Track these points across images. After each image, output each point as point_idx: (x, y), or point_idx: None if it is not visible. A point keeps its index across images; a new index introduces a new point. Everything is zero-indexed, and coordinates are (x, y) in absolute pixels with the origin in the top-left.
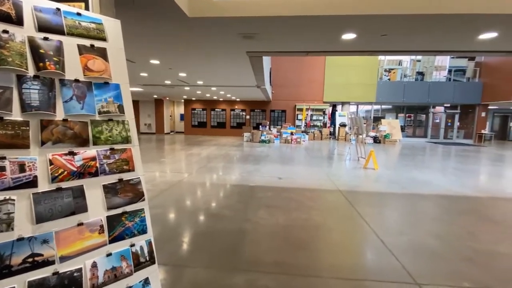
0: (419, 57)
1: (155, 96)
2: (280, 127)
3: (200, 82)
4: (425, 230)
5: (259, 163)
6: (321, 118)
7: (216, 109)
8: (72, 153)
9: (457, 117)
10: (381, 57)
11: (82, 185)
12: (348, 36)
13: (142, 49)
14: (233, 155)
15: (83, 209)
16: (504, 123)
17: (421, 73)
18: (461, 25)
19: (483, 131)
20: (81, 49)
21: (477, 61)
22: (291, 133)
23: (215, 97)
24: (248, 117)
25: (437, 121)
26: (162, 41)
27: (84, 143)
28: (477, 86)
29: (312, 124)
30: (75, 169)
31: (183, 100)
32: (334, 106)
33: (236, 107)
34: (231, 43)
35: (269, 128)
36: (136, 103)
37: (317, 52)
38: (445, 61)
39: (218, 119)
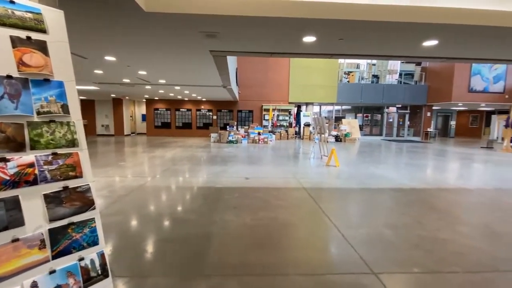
0: (374, 61)
1: (113, 95)
2: (247, 127)
3: (162, 81)
4: (380, 222)
5: (226, 164)
6: (287, 118)
7: (181, 109)
8: (3, 160)
9: (407, 116)
10: (341, 61)
11: (18, 196)
12: (309, 39)
13: (95, 44)
14: (199, 157)
15: (19, 222)
16: (445, 122)
17: (376, 76)
18: (407, 32)
19: (428, 129)
20: (15, 41)
21: (423, 66)
22: (259, 133)
23: (179, 97)
24: (215, 117)
25: (391, 120)
26: (118, 37)
27: (19, 147)
28: (423, 88)
29: (278, 124)
30: (7, 178)
31: (144, 100)
32: (299, 107)
33: (203, 107)
34: (193, 42)
35: (237, 129)
36: (91, 103)
37: (281, 54)
38: (396, 65)
39: (183, 119)
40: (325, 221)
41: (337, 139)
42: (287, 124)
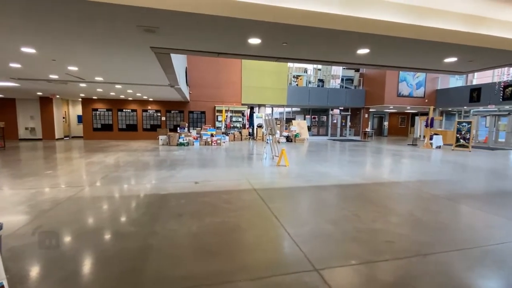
0: (319, 67)
1: (39, 93)
2: (200, 128)
3: (99, 79)
4: (323, 218)
5: (174, 168)
6: (240, 119)
7: (124, 110)
8: None
9: (348, 118)
10: (290, 64)
11: None
12: (254, 41)
13: (6, 32)
14: (145, 161)
15: None
16: (380, 122)
17: (321, 81)
18: (342, 40)
19: (366, 129)
20: None
21: (361, 72)
22: (211, 135)
23: (122, 96)
24: (163, 118)
25: (335, 121)
26: (37, 25)
27: None
28: (361, 92)
29: (232, 125)
30: None
31: (80, 99)
32: (252, 108)
33: (150, 107)
34: (130, 36)
35: (188, 130)
36: (11, 102)
37: (228, 54)
38: (339, 71)
39: (127, 121)
40: (273, 221)
41: (288, 139)
42: (241, 125)
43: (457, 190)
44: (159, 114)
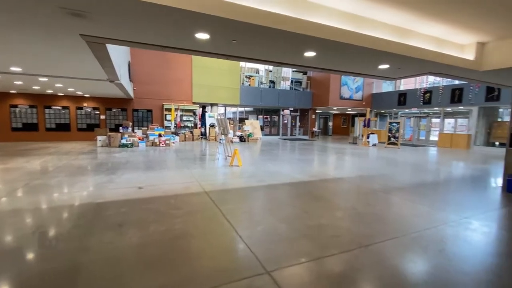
0: (270, 68)
1: None
2: (146, 128)
3: (16, 69)
4: (276, 217)
5: (115, 172)
6: (191, 118)
7: (53, 107)
8: None
9: (298, 118)
10: (242, 64)
11: None
12: (202, 35)
13: None
14: (79, 165)
15: None
16: (325, 123)
17: (272, 82)
18: (291, 42)
19: (314, 129)
20: None
21: (308, 75)
22: (159, 135)
23: (50, 91)
24: (103, 117)
25: (286, 121)
26: None
27: None
28: (308, 94)
29: (182, 125)
30: None
31: None
32: (204, 107)
33: (85, 104)
34: (53, 19)
35: (133, 130)
36: None
37: (174, 49)
38: (288, 73)
39: (58, 119)
40: (224, 224)
41: (242, 139)
42: (192, 125)
43: (390, 183)
44: (97, 112)
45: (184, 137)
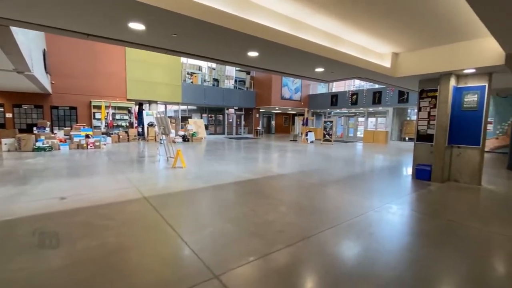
0: (214, 65)
1: None
2: (69, 128)
3: None
4: (223, 218)
5: (28, 182)
6: (126, 117)
7: None
8: None
9: (242, 117)
10: (184, 60)
11: None
12: (136, 25)
13: None
14: None
15: None
16: (269, 121)
17: (216, 80)
18: (235, 40)
19: (258, 128)
20: None
21: (252, 75)
22: (87, 136)
23: None
24: (9, 115)
25: (231, 120)
26: None
27: None
28: (252, 94)
29: (115, 124)
30: None
31: None
32: (140, 105)
33: None
34: None
35: (52, 131)
36: None
37: (101, 38)
38: (232, 72)
39: None
40: (167, 231)
41: (185, 139)
42: (127, 124)
43: (326, 177)
44: (1, 109)
45: (117, 138)
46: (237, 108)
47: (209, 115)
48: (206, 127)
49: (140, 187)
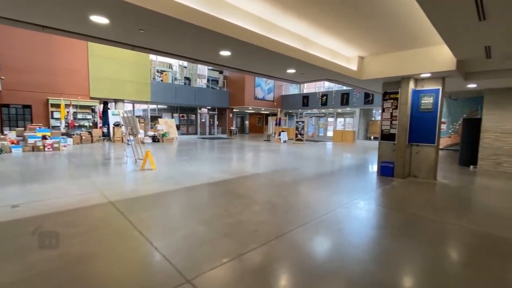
0: (185, 64)
1: None
2: (23, 129)
3: None
4: (196, 220)
5: None
6: (89, 116)
7: None
8: None
9: (216, 117)
10: (153, 57)
11: None
12: (98, 19)
13: None
14: None
15: None
16: (242, 121)
17: (188, 79)
18: (207, 39)
19: (232, 128)
20: None
21: (225, 74)
22: (44, 137)
23: None
24: None
25: (204, 120)
26: None
27: None
28: (225, 93)
29: (77, 124)
30: None
31: None
32: (106, 103)
33: None
34: None
35: (1, 132)
36: None
37: (58, 31)
38: (204, 71)
39: None
40: (135, 237)
41: (155, 139)
42: (91, 124)
43: (298, 175)
44: None
45: (80, 139)
46: (210, 107)
47: (180, 115)
48: (178, 127)
49: (105, 191)
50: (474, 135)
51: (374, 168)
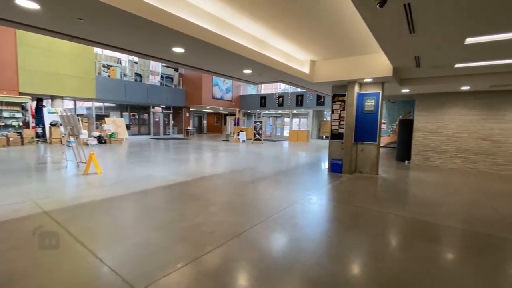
0: (136, 59)
1: None
2: None
3: None
4: (148, 226)
5: None
6: (19, 115)
7: None
8: None
9: (171, 116)
10: (98, 50)
11: None
12: (27, 3)
13: None
14: None
15: None
16: (200, 121)
17: (139, 75)
18: (158, 34)
19: (188, 127)
20: None
21: (180, 72)
22: None
23: None
24: None
25: (157, 119)
26: None
27: None
28: (181, 92)
29: (2, 123)
30: None
31: None
32: (39, 100)
33: None
34: None
35: None
36: None
37: None
38: (157, 67)
39: None
40: (76, 250)
41: (101, 140)
42: (21, 124)
43: (257, 174)
44: None
45: (6, 141)
46: (164, 106)
47: (131, 114)
48: (128, 127)
49: (40, 200)
50: (408, 134)
51: (325, 165)
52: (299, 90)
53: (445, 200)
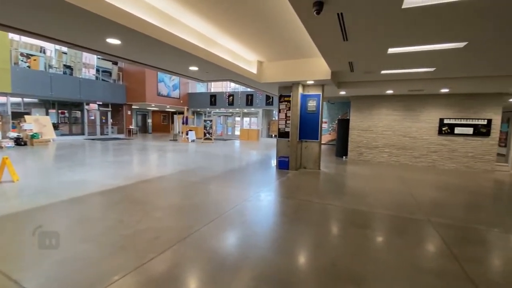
0: (65, 49)
1: None
2: None
3: None
4: (78, 238)
5: None
6: None
7: None
8: None
9: (109, 114)
10: (15, 37)
11: None
12: None
13: None
14: None
15: None
16: (144, 120)
17: (69, 67)
18: (90, 22)
19: (131, 127)
20: None
21: (120, 66)
22: None
23: None
24: None
25: (93, 118)
26: None
27: None
28: (121, 88)
29: None
30: None
31: None
32: None
33: None
34: None
35: None
36: None
37: None
38: (92, 59)
39: None
40: None
41: (20, 142)
42: None
43: (207, 174)
44: None
45: None
46: (101, 103)
47: (60, 111)
48: (56, 126)
49: None
50: (345, 132)
51: (273, 162)
52: (249, 89)
53: (374, 190)
